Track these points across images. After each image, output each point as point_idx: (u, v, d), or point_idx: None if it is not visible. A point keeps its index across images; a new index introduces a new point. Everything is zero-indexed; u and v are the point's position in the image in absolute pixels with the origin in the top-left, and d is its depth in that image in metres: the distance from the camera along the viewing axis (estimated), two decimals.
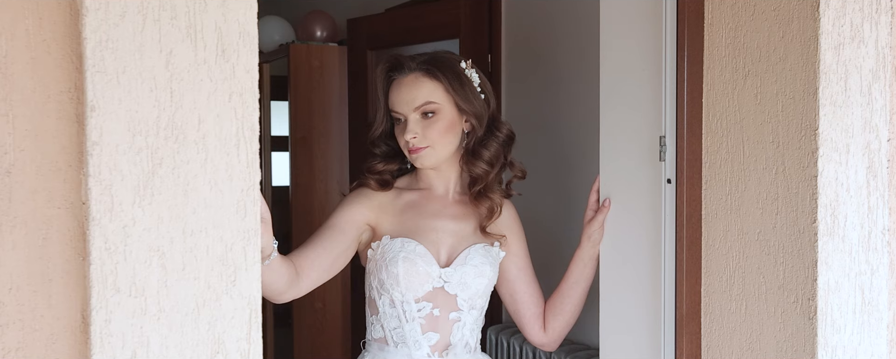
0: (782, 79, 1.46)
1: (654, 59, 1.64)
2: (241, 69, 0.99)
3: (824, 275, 1.43)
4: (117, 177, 0.93)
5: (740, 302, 1.55)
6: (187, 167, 0.97)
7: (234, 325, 1.00)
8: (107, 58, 0.91)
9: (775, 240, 1.48)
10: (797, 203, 1.44)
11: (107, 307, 0.93)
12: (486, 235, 1.79)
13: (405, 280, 1.70)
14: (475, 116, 1.75)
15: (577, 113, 2.35)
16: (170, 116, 0.95)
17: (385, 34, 3.31)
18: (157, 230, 0.95)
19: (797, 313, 1.46)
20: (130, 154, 0.93)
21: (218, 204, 0.98)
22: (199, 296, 0.98)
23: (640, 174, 1.70)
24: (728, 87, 1.55)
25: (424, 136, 1.72)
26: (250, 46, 0.99)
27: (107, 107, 0.92)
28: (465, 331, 1.77)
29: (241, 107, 0.99)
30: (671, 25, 1.60)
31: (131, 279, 0.94)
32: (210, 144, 0.98)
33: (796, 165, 1.44)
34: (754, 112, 1.50)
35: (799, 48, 1.43)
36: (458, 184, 1.83)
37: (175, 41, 0.95)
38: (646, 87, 1.66)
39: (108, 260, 0.92)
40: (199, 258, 0.98)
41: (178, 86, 0.96)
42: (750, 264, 1.52)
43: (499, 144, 1.79)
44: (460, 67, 1.76)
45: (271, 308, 4.22)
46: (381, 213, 1.78)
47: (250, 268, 1.00)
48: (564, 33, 2.43)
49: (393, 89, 1.75)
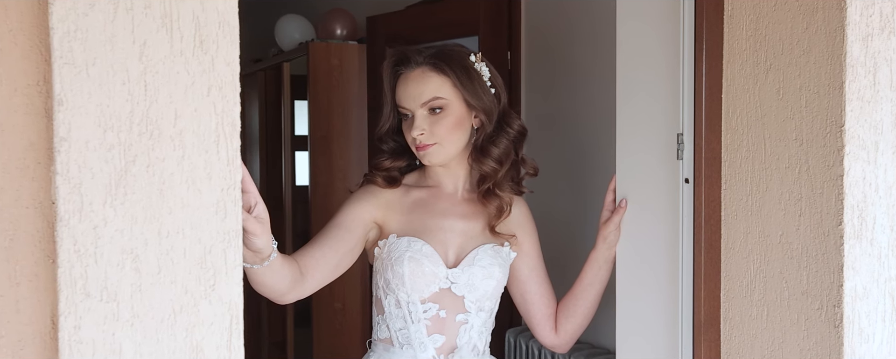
0: (806, 73, 1.39)
1: (672, 53, 1.58)
2: (220, 61, 0.94)
3: (851, 280, 1.36)
4: (87, 175, 0.88)
5: (761, 308, 1.48)
6: (163, 165, 0.92)
7: (214, 332, 0.95)
8: (75, 49, 0.87)
9: (799, 243, 1.41)
10: (822, 204, 1.37)
11: (76, 313, 0.88)
12: (495, 234, 1.74)
13: (411, 281, 1.66)
14: (484, 112, 1.70)
15: (597, 110, 2.31)
16: (144, 110, 0.90)
17: (404, 32, 3.28)
18: (131, 232, 0.90)
19: (822, 321, 1.38)
20: (101, 151, 0.89)
21: (196, 204, 0.93)
22: (176, 301, 0.93)
23: (656, 173, 1.64)
24: (749, 82, 1.48)
25: (432, 132, 1.67)
26: (231, 37, 0.94)
27: (75, 101, 0.87)
28: (473, 333, 1.72)
29: (220, 101, 0.94)
30: (689, 17, 1.55)
31: (103, 283, 0.89)
32: (187, 141, 0.93)
33: (821, 163, 1.37)
34: (776, 108, 1.44)
35: (824, 40, 1.36)
36: (468, 181, 1.79)
37: (149, 31, 0.90)
38: (663, 83, 1.61)
39: (78, 263, 0.88)
40: (175, 261, 0.93)
41: (152, 79, 0.91)
42: (772, 269, 1.46)
43: (509, 140, 1.74)
44: (469, 61, 1.70)
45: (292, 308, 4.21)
46: (388, 210, 1.73)
47: (231, 272, 0.95)
48: (585, 30, 2.39)
49: (400, 84, 1.70)
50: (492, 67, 1.74)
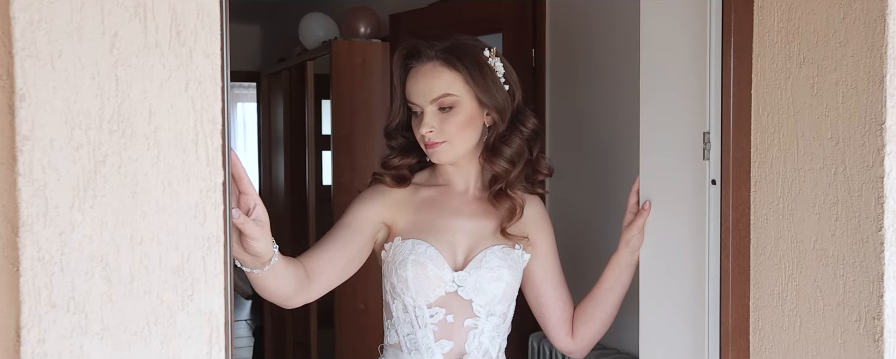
0: (843, 66, 1.33)
1: (698, 46, 1.51)
2: (199, 54, 0.87)
3: (893, 291, 1.29)
4: (53, 176, 0.81)
5: (794, 319, 1.40)
6: (136, 165, 0.85)
7: (192, 345, 0.88)
8: (39, 40, 0.80)
9: (834, 250, 1.33)
10: (860, 208, 1.30)
11: (40, 325, 0.81)
12: (507, 235, 1.66)
13: (415, 285, 1.60)
14: (497, 110, 1.63)
15: (623, 108, 2.27)
16: (115, 106, 0.84)
17: (428, 29, 3.23)
18: (100, 238, 0.84)
19: (860, 334, 1.30)
20: (68, 150, 0.82)
21: (172, 208, 0.87)
22: (151, 312, 0.86)
23: (682, 174, 1.58)
24: (780, 77, 1.41)
25: (441, 130, 1.61)
26: (211, 27, 0.87)
27: (39, 96, 0.81)
28: (483, 339, 1.65)
29: (199, 97, 0.87)
30: (716, 8, 1.49)
31: (69, 293, 0.82)
32: (163, 139, 0.86)
33: (859, 164, 1.30)
34: (810, 105, 1.37)
35: (863, 31, 1.30)
36: (480, 180, 1.73)
37: (121, 21, 0.84)
38: (688, 78, 1.54)
39: (42, 271, 0.81)
40: (150, 270, 0.86)
41: (124, 73, 0.84)
42: (805, 277, 1.38)
43: (523, 139, 1.67)
44: (483, 56, 1.63)
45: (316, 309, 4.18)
46: (397, 210, 1.68)
47: (211, 280, 0.88)
48: (610, 26, 2.36)
49: (410, 78, 1.64)
50: (507, 63, 1.67)
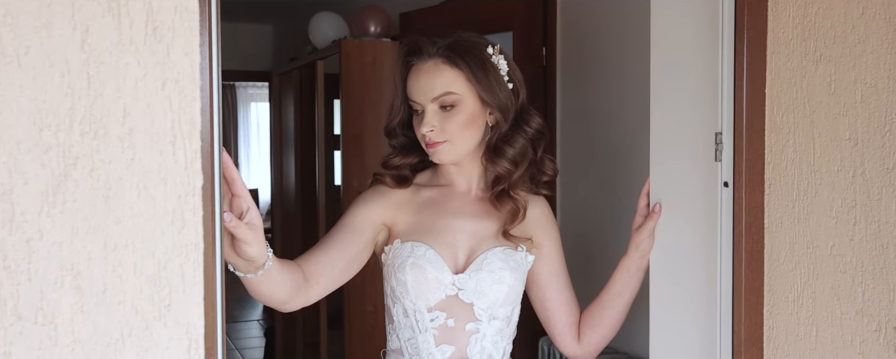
0: (861, 64, 1.30)
1: (710, 44, 1.47)
2: (177, 51, 0.83)
3: None
4: (19, 180, 0.77)
5: (810, 327, 1.35)
6: (109, 168, 0.81)
7: (169, 357, 0.83)
8: (5, 36, 0.76)
9: (852, 256, 1.29)
10: (879, 212, 1.26)
11: (6, 338, 0.77)
12: (509, 237, 1.62)
13: (414, 288, 1.57)
14: (500, 109, 1.59)
15: (633, 108, 2.25)
16: (87, 106, 0.80)
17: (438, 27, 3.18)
18: (71, 245, 0.79)
19: (880, 344, 1.25)
20: (36, 152, 0.78)
21: (148, 213, 0.82)
22: (125, 324, 0.82)
23: (693, 176, 1.54)
24: (795, 76, 1.38)
25: (442, 129, 1.57)
26: (190, 23, 0.83)
27: (5, 95, 0.77)
28: (486, 343, 1.61)
29: (177, 96, 0.83)
30: (729, 4, 1.44)
31: (37, 304, 0.78)
32: (138, 141, 0.82)
33: (878, 166, 1.27)
34: (827, 104, 1.35)
35: (883, 26, 1.27)
36: (482, 180, 1.70)
37: (93, 16, 0.79)
38: (700, 77, 1.50)
39: (7, 281, 0.77)
40: (124, 278, 0.82)
41: (97, 71, 0.80)
42: (821, 283, 1.33)
43: (526, 139, 1.63)
44: (486, 54, 1.59)
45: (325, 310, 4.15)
46: (397, 211, 1.64)
47: (189, 290, 0.84)
48: (622, 25, 2.34)
49: (411, 76, 1.61)
50: (511, 61, 1.63)
